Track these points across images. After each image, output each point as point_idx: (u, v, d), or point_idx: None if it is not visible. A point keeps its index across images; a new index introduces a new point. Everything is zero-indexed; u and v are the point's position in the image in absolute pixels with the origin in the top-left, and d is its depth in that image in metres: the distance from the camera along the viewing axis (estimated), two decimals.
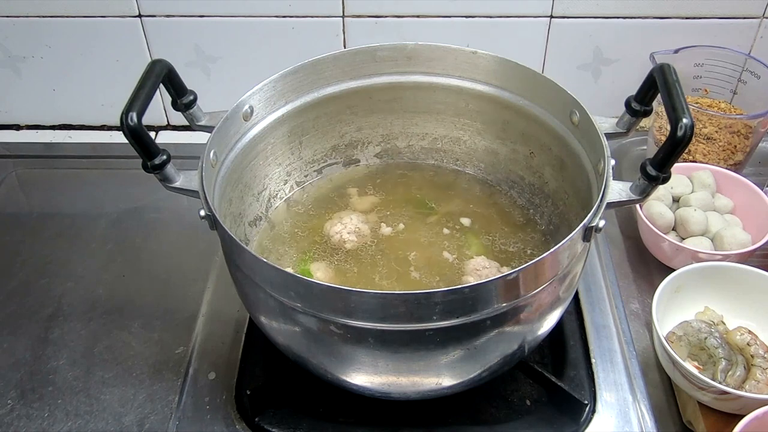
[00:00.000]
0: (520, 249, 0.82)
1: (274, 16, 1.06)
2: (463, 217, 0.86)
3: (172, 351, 0.84)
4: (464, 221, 0.85)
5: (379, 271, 0.79)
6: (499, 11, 1.05)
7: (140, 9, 1.06)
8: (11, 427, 0.78)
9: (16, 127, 1.22)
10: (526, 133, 0.84)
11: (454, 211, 0.87)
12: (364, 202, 0.88)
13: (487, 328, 0.63)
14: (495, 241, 0.83)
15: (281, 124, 0.82)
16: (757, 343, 0.77)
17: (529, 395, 0.79)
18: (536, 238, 0.83)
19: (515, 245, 0.82)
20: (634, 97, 0.70)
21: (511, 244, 0.82)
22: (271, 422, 0.76)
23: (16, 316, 0.89)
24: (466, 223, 0.85)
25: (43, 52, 1.12)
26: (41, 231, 1.01)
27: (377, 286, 0.77)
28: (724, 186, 0.96)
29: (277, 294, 0.63)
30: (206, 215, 0.65)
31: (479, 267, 0.78)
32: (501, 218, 0.86)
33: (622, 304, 0.88)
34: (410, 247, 0.82)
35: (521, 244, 0.82)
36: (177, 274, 0.94)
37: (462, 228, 0.84)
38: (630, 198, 0.65)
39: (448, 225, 0.85)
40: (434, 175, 0.92)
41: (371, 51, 0.83)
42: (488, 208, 0.87)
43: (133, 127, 0.60)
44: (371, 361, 0.65)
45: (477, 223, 0.85)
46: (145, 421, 0.78)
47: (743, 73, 1.03)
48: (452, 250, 0.81)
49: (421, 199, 0.88)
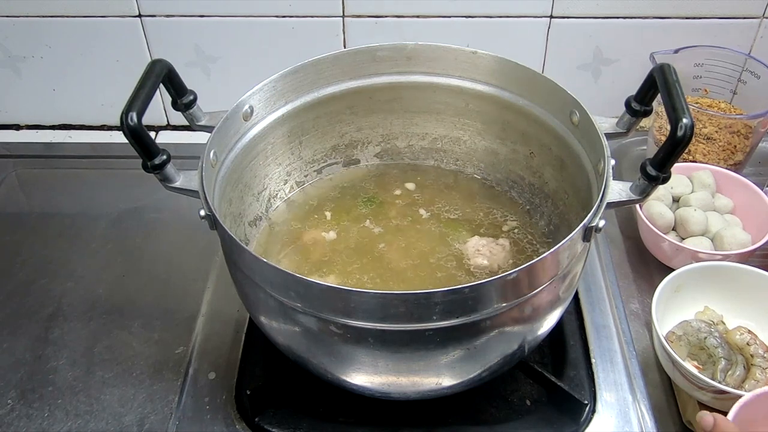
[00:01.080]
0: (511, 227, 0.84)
1: (274, 16, 1.06)
2: (457, 213, 0.86)
3: (172, 351, 0.84)
4: (454, 216, 0.86)
5: (379, 271, 0.79)
6: (499, 11, 1.05)
7: (140, 9, 1.06)
8: (11, 427, 0.78)
9: (16, 127, 1.22)
10: (526, 133, 0.84)
11: (452, 210, 0.87)
12: (362, 202, 0.88)
13: (487, 328, 0.63)
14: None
15: (281, 124, 0.82)
16: (756, 343, 0.77)
17: (529, 395, 0.79)
18: (535, 233, 0.84)
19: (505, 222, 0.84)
20: (634, 97, 0.70)
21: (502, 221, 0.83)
22: (271, 422, 0.76)
23: (16, 316, 0.89)
24: (453, 217, 0.86)
25: (43, 52, 1.12)
26: (41, 231, 1.01)
27: (381, 284, 0.77)
28: (724, 186, 0.96)
29: (277, 294, 0.63)
30: (206, 215, 0.65)
31: (479, 246, 0.79)
32: (499, 219, 0.86)
33: (622, 304, 0.88)
34: (409, 245, 0.82)
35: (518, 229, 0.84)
36: (177, 274, 0.94)
37: (449, 220, 0.85)
38: (630, 198, 0.65)
39: (442, 221, 0.85)
40: (434, 175, 0.92)
41: (371, 51, 0.83)
42: (488, 208, 0.87)
43: (133, 127, 0.60)
44: (371, 361, 0.65)
45: (467, 217, 0.86)
46: (145, 421, 0.78)
47: (743, 73, 1.03)
48: (449, 240, 0.82)
49: (421, 199, 0.89)
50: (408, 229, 0.84)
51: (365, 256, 0.81)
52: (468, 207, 0.87)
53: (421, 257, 0.80)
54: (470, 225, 0.85)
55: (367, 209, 0.87)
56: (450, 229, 0.84)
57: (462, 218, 0.86)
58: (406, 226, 0.85)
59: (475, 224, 0.85)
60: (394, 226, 0.85)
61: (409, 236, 0.83)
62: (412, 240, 0.83)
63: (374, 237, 0.83)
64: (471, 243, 0.81)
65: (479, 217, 0.86)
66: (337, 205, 0.88)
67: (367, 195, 0.89)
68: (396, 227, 0.85)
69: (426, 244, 0.82)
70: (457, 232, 0.83)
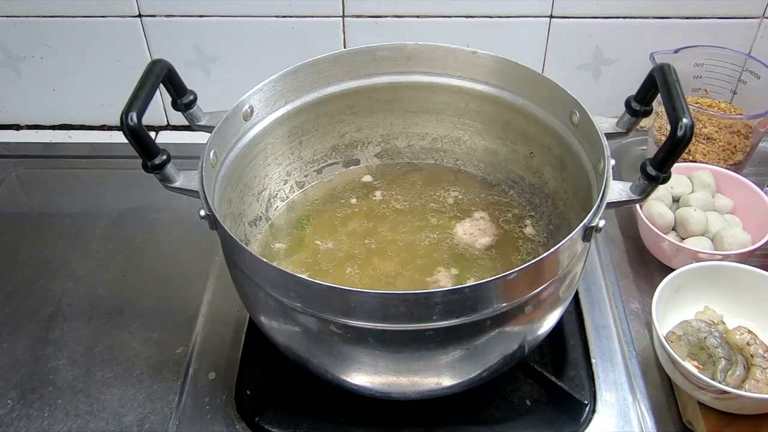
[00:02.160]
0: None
1: (274, 16, 1.06)
2: (459, 212, 0.87)
3: (172, 351, 0.84)
4: (450, 213, 0.87)
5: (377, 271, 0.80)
6: (499, 11, 1.05)
7: (140, 9, 1.06)
8: (11, 427, 0.78)
9: (16, 127, 1.22)
10: (526, 133, 0.84)
11: (451, 209, 0.87)
12: (360, 203, 0.88)
13: (487, 328, 0.63)
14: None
15: (281, 124, 0.82)
16: (756, 343, 0.77)
17: (529, 395, 0.79)
18: (535, 239, 0.84)
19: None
20: (634, 97, 0.70)
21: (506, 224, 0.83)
22: (271, 422, 0.76)
23: (16, 316, 0.89)
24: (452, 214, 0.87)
25: (43, 52, 1.12)
26: (41, 231, 1.01)
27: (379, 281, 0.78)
28: (724, 186, 0.96)
29: (277, 294, 0.63)
30: (206, 215, 0.65)
31: (466, 230, 0.82)
32: (500, 218, 0.86)
33: (622, 304, 0.88)
34: (409, 243, 0.82)
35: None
36: (177, 274, 0.94)
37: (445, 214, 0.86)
38: (630, 198, 0.65)
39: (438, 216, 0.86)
40: (434, 175, 0.92)
41: (371, 51, 0.83)
42: (488, 208, 0.87)
43: (133, 127, 0.60)
44: (371, 361, 0.65)
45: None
46: (145, 421, 0.78)
47: (743, 73, 1.03)
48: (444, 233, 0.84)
49: (420, 198, 0.89)
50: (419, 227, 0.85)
51: (365, 251, 0.81)
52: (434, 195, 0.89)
53: (422, 248, 0.81)
54: (449, 215, 0.86)
55: (366, 208, 0.87)
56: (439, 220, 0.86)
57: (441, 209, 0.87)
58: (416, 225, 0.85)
59: (452, 213, 0.86)
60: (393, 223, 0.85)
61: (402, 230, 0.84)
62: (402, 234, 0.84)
63: (373, 234, 0.84)
64: (459, 230, 0.82)
65: (449, 204, 0.88)
66: (336, 205, 0.88)
67: (366, 194, 0.89)
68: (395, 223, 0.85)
69: (417, 236, 0.83)
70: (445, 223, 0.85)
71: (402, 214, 0.86)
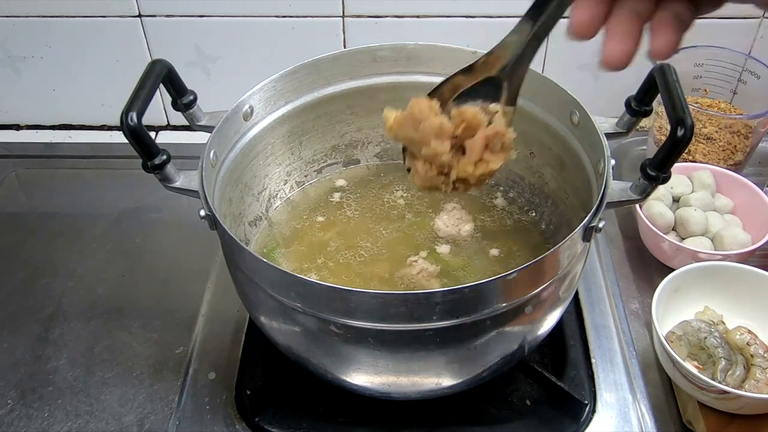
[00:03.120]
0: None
1: (274, 16, 1.06)
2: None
3: (172, 351, 0.84)
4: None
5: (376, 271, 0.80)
6: (499, 11, 1.04)
7: (140, 9, 1.06)
8: (11, 427, 0.78)
9: (16, 127, 1.22)
10: (526, 133, 0.83)
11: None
12: (358, 203, 0.88)
13: (487, 328, 0.63)
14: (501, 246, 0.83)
15: (281, 124, 0.82)
16: (756, 343, 0.77)
17: (529, 395, 0.79)
18: (535, 238, 0.84)
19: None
20: (634, 97, 0.70)
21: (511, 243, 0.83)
22: (271, 422, 0.76)
23: (16, 316, 0.89)
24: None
25: (43, 52, 1.12)
26: (41, 231, 1.01)
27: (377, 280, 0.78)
28: (724, 186, 0.96)
29: (277, 294, 0.63)
30: (206, 215, 0.65)
31: (445, 222, 0.83)
32: (500, 219, 0.86)
33: (622, 304, 0.88)
34: (408, 243, 0.82)
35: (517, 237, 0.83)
36: (177, 274, 0.94)
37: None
38: (630, 198, 0.65)
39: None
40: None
41: (371, 51, 0.82)
42: (487, 208, 0.87)
43: (133, 127, 0.60)
44: (371, 361, 0.65)
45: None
46: (145, 421, 0.78)
47: (743, 73, 1.03)
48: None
49: (420, 199, 0.89)
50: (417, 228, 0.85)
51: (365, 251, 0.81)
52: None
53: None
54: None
55: (366, 207, 0.87)
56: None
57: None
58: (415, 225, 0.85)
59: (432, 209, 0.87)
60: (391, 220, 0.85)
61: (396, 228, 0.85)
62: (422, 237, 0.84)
63: (372, 232, 0.84)
64: (439, 224, 0.83)
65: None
66: (336, 205, 0.88)
67: (366, 194, 0.89)
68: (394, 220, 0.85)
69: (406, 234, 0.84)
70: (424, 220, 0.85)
71: (401, 212, 0.86)
